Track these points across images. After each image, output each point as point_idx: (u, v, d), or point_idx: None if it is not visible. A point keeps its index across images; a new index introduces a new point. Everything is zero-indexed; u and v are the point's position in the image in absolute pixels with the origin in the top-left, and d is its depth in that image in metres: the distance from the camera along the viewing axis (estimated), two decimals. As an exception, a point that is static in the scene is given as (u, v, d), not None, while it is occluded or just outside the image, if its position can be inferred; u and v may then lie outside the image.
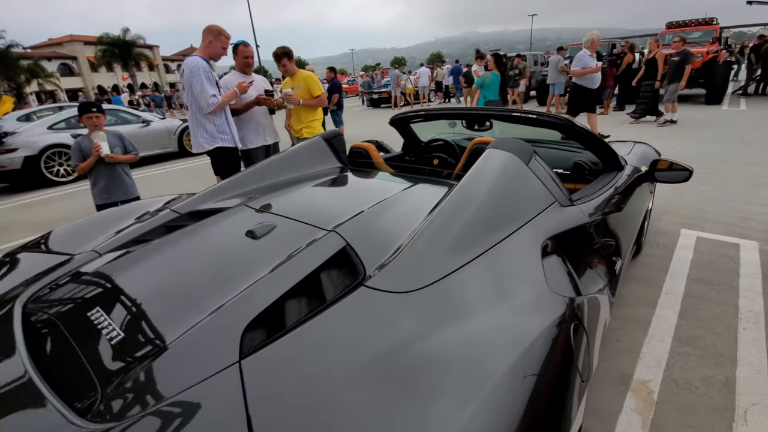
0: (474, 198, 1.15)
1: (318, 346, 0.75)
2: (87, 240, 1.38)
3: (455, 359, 0.73)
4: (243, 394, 0.65)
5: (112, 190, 3.22)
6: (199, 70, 2.95)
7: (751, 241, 2.90)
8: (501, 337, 0.79)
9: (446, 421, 0.61)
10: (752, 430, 1.48)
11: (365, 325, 0.80)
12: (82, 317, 0.92)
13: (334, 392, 0.66)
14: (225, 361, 0.72)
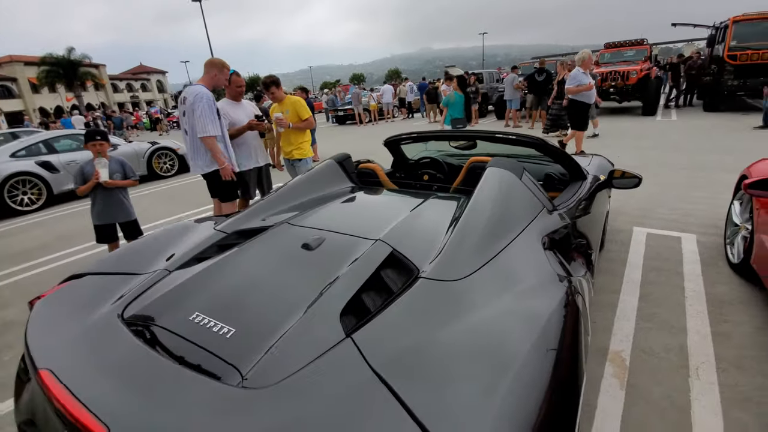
0: (488, 208, 1.46)
1: (403, 322, 1.01)
2: (147, 261, 1.54)
3: (501, 326, 1.02)
4: (363, 358, 0.90)
5: (110, 212, 3.33)
6: (203, 98, 3.13)
7: (690, 234, 3.44)
8: (530, 309, 1.08)
9: (504, 357, 0.89)
10: (703, 381, 1.87)
11: (433, 302, 1.07)
12: (198, 321, 1.11)
13: (424, 351, 0.92)
14: (336, 338, 0.97)
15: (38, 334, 1.13)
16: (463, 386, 0.82)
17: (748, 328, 2.21)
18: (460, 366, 0.88)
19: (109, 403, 0.83)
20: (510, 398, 0.80)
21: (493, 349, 0.92)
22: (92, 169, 3.25)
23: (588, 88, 6.28)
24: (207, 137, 3.14)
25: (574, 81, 6.39)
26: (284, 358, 0.93)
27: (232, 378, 0.90)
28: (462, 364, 0.88)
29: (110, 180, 3.24)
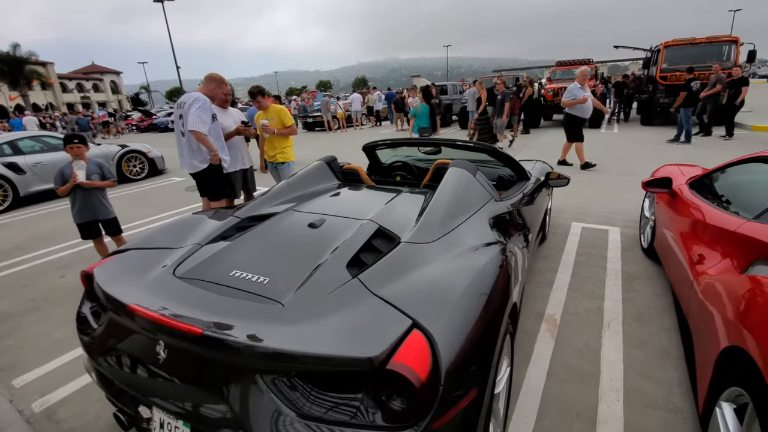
0: (449, 197, 1.95)
1: (390, 268, 1.45)
2: (177, 239, 1.88)
3: (452, 268, 1.49)
4: (366, 287, 1.34)
5: (88, 210, 3.49)
6: (201, 100, 3.44)
7: (615, 227, 4.14)
8: (466, 265, 1.56)
9: (454, 283, 1.35)
10: (612, 331, 2.45)
11: (412, 255, 1.53)
12: (238, 273, 1.50)
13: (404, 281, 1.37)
14: (346, 279, 1.40)
15: (110, 287, 1.46)
16: (426, 294, 1.29)
17: (650, 295, 2.85)
18: (426, 286, 1.34)
19: (193, 318, 1.22)
20: (454, 315, 1.25)
21: (447, 278, 1.40)
22: (71, 170, 3.39)
23: (582, 101, 6.48)
24: (198, 132, 3.39)
25: (569, 95, 6.57)
26: (310, 293, 1.35)
27: (276, 304, 1.31)
28: (428, 285, 1.35)
29: (88, 181, 3.40)
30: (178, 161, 3.81)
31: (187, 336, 1.14)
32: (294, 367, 1.10)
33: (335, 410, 1.06)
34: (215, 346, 1.12)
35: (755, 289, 1.38)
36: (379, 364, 1.03)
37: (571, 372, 2.14)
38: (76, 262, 4.20)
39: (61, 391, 2.23)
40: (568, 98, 6.59)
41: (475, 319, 1.24)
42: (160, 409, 1.24)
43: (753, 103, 15.01)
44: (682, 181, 2.85)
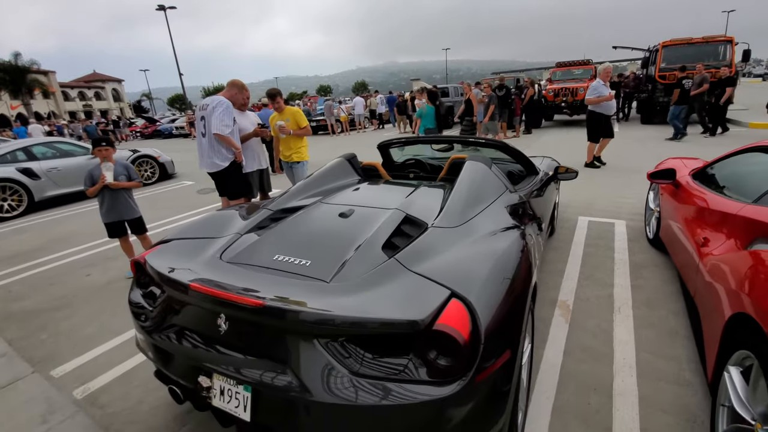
0: (470, 187, 2.09)
1: (422, 248, 1.58)
2: (217, 230, 2.01)
3: (479, 248, 1.61)
4: (403, 265, 1.47)
5: (116, 210, 3.65)
6: (224, 104, 3.65)
7: (621, 220, 4.27)
8: (492, 245, 1.69)
9: (481, 261, 1.48)
10: (623, 315, 2.57)
11: (442, 238, 1.66)
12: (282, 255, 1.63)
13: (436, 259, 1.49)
14: (384, 259, 1.53)
15: (166, 270, 1.59)
16: (460, 270, 1.42)
17: (657, 282, 2.97)
18: (458, 264, 1.47)
19: (252, 292, 1.35)
20: (487, 285, 1.38)
21: (476, 256, 1.53)
22: (100, 172, 3.57)
23: (608, 98, 6.31)
24: (220, 134, 3.61)
25: (594, 92, 6.31)
26: (352, 272, 1.48)
27: (321, 282, 1.44)
28: (460, 262, 1.48)
29: (115, 182, 3.56)
30: (186, 166, 3.97)
31: (249, 308, 1.27)
32: (349, 331, 1.22)
33: (386, 369, 1.19)
34: (276, 316, 1.25)
35: (756, 262, 1.51)
36: (425, 326, 1.15)
37: (586, 352, 2.26)
38: (99, 261, 4.33)
39: (100, 379, 2.35)
40: (592, 95, 6.35)
41: (505, 291, 1.37)
42: (221, 377, 1.37)
43: (749, 101, 15.19)
44: (685, 173, 2.98)
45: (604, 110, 6.46)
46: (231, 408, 1.35)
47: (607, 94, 6.28)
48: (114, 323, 2.96)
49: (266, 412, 1.30)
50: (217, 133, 3.60)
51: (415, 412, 1.12)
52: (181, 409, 2.03)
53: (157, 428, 1.93)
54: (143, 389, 2.22)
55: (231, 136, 3.69)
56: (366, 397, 1.14)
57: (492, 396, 1.24)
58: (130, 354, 2.55)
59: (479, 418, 1.22)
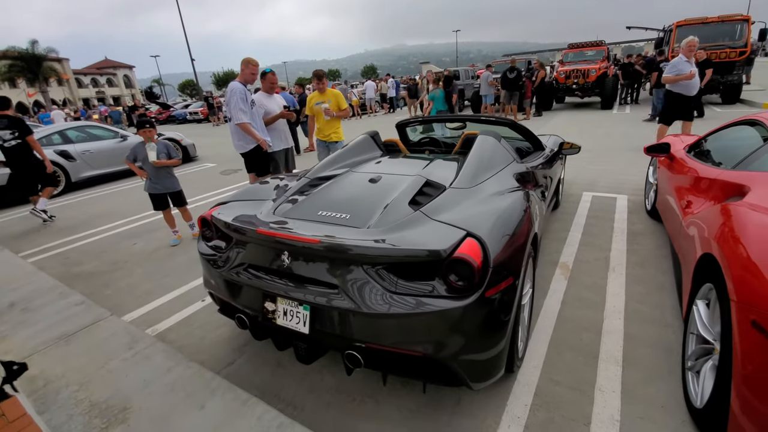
0: (481, 157, 2.41)
1: (443, 204, 1.92)
2: (266, 194, 2.37)
3: (489, 203, 1.95)
4: (428, 216, 1.81)
5: (160, 183, 4.07)
6: (236, 92, 3.95)
7: (623, 195, 4.54)
8: (499, 202, 2.02)
9: (490, 214, 1.82)
10: (617, 273, 2.90)
11: (458, 196, 2.00)
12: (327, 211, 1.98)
13: (456, 212, 1.83)
14: (411, 212, 1.87)
15: (234, 221, 1.96)
16: (474, 218, 1.75)
17: (651, 247, 3.28)
18: (472, 214, 1.81)
19: (308, 233, 1.70)
20: (494, 229, 1.71)
21: (487, 208, 1.86)
22: (142, 150, 3.98)
23: (689, 77, 5.51)
24: (240, 123, 3.96)
25: (673, 69, 5.57)
26: (386, 221, 1.82)
27: (361, 228, 1.79)
28: (474, 213, 1.81)
29: (158, 160, 3.96)
30: (206, 150, 4.34)
31: (307, 245, 1.63)
32: (387, 260, 1.58)
33: (416, 288, 1.55)
34: (329, 249, 1.61)
35: (722, 213, 1.82)
36: (447, 255, 1.50)
37: (581, 301, 2.61)
38: (142, 233, 4.77)
39: (165, 323, 2.78)
40: (671, 73, 5.62)
41: (509, 234, 1.71)
42: (284, 300, 1.75)
43: (765, 82, 14.95)
44: (680, 147, 3.25)
45: (683, 90, 5.66)
46: (292, 324, 1.73)
47: (689, 71, 5.52)
48: (168, 281, 3.39)
49: (321, 324, 1.67)
50: (237, 123, 3.97)
51: (439, 317, 1.48)
52: (239, 342, 2.44)
53: (220, 357, 2.34)
54: (203, 329, 2.64)
55: (251, 119, 4.01)
56: (401, 308, 1.50)
57: (498, 311, 1.60)
58: (187, 304, 2.98)
59: (487, 330, 1.58)
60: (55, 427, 1.74)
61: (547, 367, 2.07)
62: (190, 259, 3.82)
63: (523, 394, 1.91)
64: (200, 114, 23.76)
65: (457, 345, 1.55)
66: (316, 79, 4.79)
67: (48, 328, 2.55)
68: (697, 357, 1.83)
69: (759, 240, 1.50)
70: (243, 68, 4.09)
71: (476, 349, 1.60)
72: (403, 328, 1.54)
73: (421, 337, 1.54)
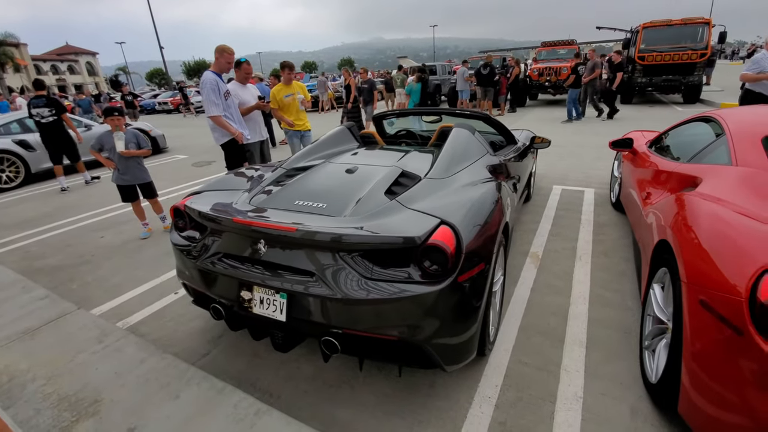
0: (455, 148, 2.47)
1: (419, 194, 1.97)
2: (240, 185, 2.36)
3: (462, 193, 2.01)
4: (403, 205, 1.85)
5: (129, 175, 3.93)
6: (206, 84, 3.82)
7: (590, 189, 4.74)
8: (472, 192, 2.08)
9: (462, 203, 1.88)
10: (583, 262, 3.04)
11: (433, 186, 2.05)
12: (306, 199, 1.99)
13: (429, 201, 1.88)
14: (387, 201, 1.91)
15: (209, 210, 1.94)
16: (447, 207, 1.81)
17: (614, 237, 3.45)
18: (446, 203, 1.86)
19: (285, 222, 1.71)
20: (467, 218, 1.77)
21: (459, 198, 1.92)
22: (109, 139, 3.83)
23: None
24: (212, 116, 3.85)
25: (755, 66, 4.79)
26: (362, 210, 1.85)
27: (338, 216, 1.81)
28: (447, 202, 1.87)
29: (127, 150, 3.83)
30: (176, 141, 4.25)
31: (284, 233, 1.64)
32: (363, 247, 1.61)
33: (391, 274, 1.59)
34: (306, 237, 1.63)
35: (677, 202, 1.95)
36: (421, 242, 1.55)
37: (550, 288, 2.73)
38: (110, 225, 4.61)
39: (136, 316, 2.72)
40: (752, 69, 4.81)
41: (481, 223, 1.78)
42: (261, 289, 1.75)
43: (726, 83, 15.83)
44: (642, 142, 3.42)
45: (765, 89, 4.80)
46: (269, 313, 1.74)
47: None
48: (138, 274, 3.30)
49: (298, 311, 1.69)
50: (209, 116, 3.86)
51: (414, 302, 1.53)
52: (213, 333, 2.42)
53: (194, 348, 2.32)
54: (176, 322, 2.60)
55: (225, 111, 3.93)
56: (377, 293, 1.54)
57: (470, 296, 1.66)
58: (159, 296, 2.92)
59: (460, 314, 1.64)
60: (22, 421, 1.69)
61: (516, 349, 2.16)
62: (162, 252, 3.73)
63: (494, 375, 2.00)
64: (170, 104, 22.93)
65: (432, 328, 1.60)
66: (288, 69, 4.75)
67: (11, 323, 2.45)
68: (653, 336, 1.96)
69: (708, 227, 1.63)
70: (217, 57, 3.97)
71: (450, 333, 1.66)
72: (378, 313, 1.58)
73: (397, 321, 1.58)
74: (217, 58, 3.96)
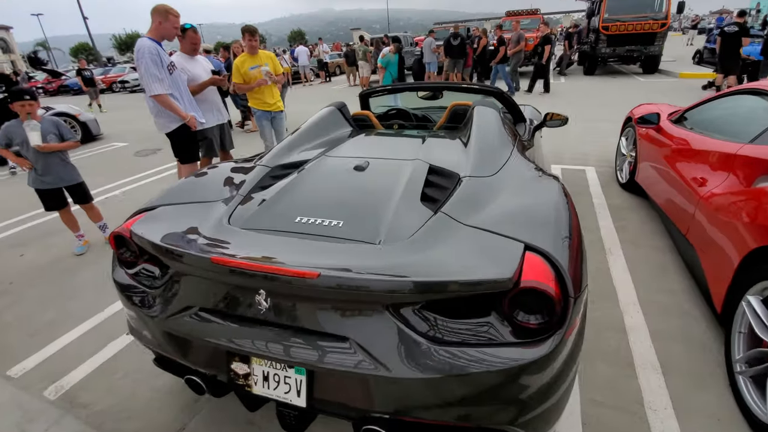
0: (490, 134, 1.94)
1: (469, 199, 1.44)
2: (211, 192, 1.68)
3: (526, 195, 1.50)
4: (456, 220, 1.31)
5: (51, 176, 3.06)
6: (144, 53, 2.97)
7: (590, 167, 4.43)
8: (537, 194, 1.58)
9: (532, 215, 1.37)
10: (615, 256, 2.69)
11: (480, 188, 1.52)
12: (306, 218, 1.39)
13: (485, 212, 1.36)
14: (429, 214, 1.36)
15: (170, 242, 1.30)
16: (520, 219, 1.30)
17: (637, 223, 3.14)
18: (514, 213, 1.35)
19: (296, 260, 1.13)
20: (556, 236, 1.27)
21: (528, 203, 1.41)
22: (19, 130, 2.95)
23: None
24: (155, 96, 3.03)
25: None
26: (400, 229, 1.29)
27: (369, 244, 1.24)
28: (515, 212, 1.36)
29: (44, 144, 2.96)
30: (113, 125, 3.44)
31: (300, 281, 1.06)
32: (426, 296, 1.07)
33: (467, 334, 1.07)
34: (336, 287, 1.05)
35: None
36: (512, 285, 1.03)
37: (592, 293, 2.34)
38: (32, 239, 3.69)
39: (74, 375, 2.02)
40: None
41: (571, 237, 1.28)
42: (263, 361, 1.17)
43: (674, 53, 16.37)
44: (665, 117, 3.08)
45: None
46: (279, 395, 1.17)
47: None
48: (73, 308, 2.55)
49: (325, 392, 1.14)
50: (151, 95, 3.03)
51: (504, 375, 1.03)
52: (188, 396, 1.80)
53: (162, 422, 1.70)
54: (131, 380, 1.94)
55: (171, 88, 3.12)
56: (446, 365, 1.02)
57: (573, 348, 1.18)
58: (106, 340, 2.22)
59: (560, 376, 1.16)
60: None
61: (584, 385, 1.75)
62: (105, 272, 2.95)
63: (569, 426, 1.57)
64: (102, 83, 20.41)
65: (523, 405, 1.12)
66: (248, 34, 3.92)
67: None
68: (751, 361, 1.62)
69: None
70: (159, 20, 3.07)
71: (541, 401, 1.18)
72: (449, 393, 1.06)
73: (476, 402, 1.08)
74: (160, 22, 3.09)
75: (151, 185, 5.02)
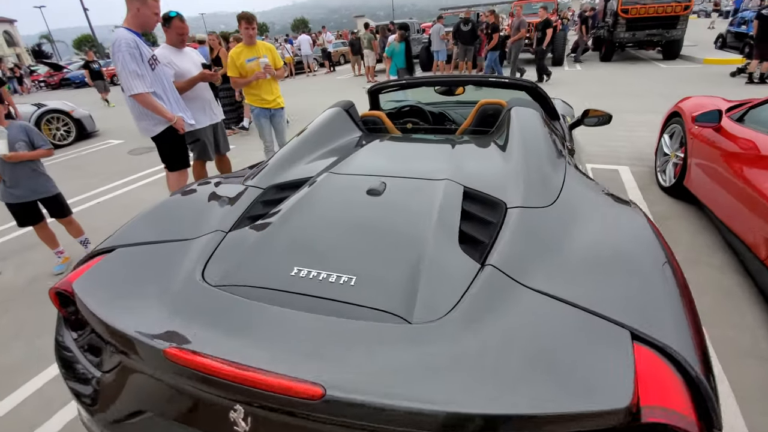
0: (538, 145, 1.55)
1: (527, 244, 1.06)
2: (187, 225, 1.33)
3: (610, 236, 1.12)
4: (510, 278, 0.95)
5: (22, 188, 2.72)
6: (121, 47, 2.57)
7: (624, 167, 4.00)
8: (623, 221, 1.21)
9: (616, 254, 1.00)
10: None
11: (541, 225, 1.14)
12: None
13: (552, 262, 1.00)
14: (474, 265, 1.00)
15: (116, 318, 0.95)
16: (612, 281, 0.93)
17: (686, 236, 2.74)
18: (601, 268, 0.98)
19: (288, 359, 0.77)
20: (666, 302, 0.90)
21: (612, 259, 1.03)
22: None
23: None
24: (136, 95, 2.65)
25: None
26: (436, 296, 0.92)
27: (397, 321, 0.88)
28: (602, 266, 0.99)
29: (13, 153, 2.60)
30: (110, 121, 3.06)
31: (293, 401, 0.70)
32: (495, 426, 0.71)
33: None
34: (351, 417, 0.69)
35: None
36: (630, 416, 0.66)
37: (649, 329, 1.96)
38: (10, 253, 3.38)
39: (49, 427, 1.71)
40: None
41: (692, 314, 0.90)
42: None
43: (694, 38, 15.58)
44: (725, 115, 2.65)
45: None
46: None
47: None
48: (45, 344, 2.23)
49: None
50: (131, 95, 2.65)
51: None
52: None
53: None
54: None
55: (154, 86, 2.74)
56: None
57: None
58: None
59: None
60: None
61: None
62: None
63: None
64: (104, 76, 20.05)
65: None
66: (245, 22, 3.52)
67: None
68: None
69: None
70: (136, 6, 2.67)
71: None
72: None
73: None
74: (138, 9, 2.68)
75: (137, 191, 4.67)
